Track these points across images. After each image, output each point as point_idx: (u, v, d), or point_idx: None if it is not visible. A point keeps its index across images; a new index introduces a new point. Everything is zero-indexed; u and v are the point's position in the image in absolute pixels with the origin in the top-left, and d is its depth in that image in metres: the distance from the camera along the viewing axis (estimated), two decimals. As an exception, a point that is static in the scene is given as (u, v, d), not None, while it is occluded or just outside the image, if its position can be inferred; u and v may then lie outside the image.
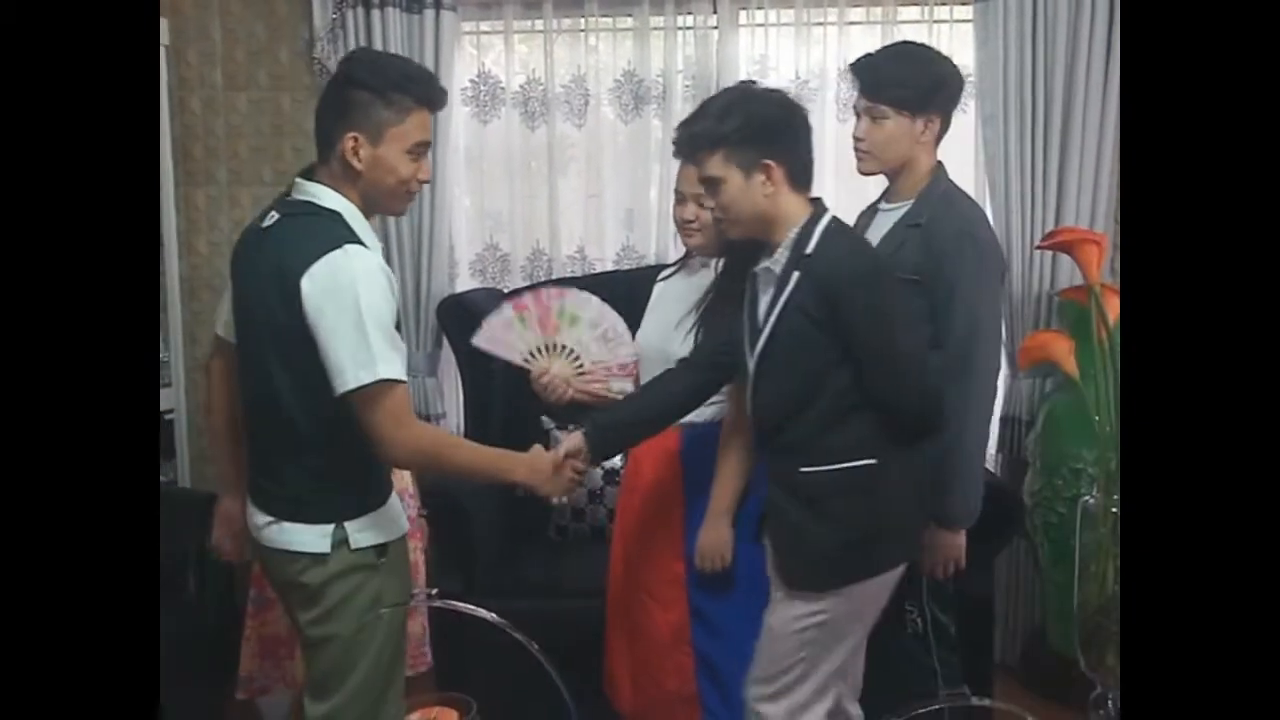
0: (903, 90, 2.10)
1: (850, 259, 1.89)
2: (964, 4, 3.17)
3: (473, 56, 3.37)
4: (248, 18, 3.37)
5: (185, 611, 2.67)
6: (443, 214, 3.27)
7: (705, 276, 2.29)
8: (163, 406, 3.24)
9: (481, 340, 2.29)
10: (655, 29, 3.27)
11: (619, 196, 3.39)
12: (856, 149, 2.19)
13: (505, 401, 3.09)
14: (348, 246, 1.69)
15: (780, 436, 1.96)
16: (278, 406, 1.76)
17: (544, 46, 3.30)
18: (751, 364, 1.94)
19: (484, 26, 3.37)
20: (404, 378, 1.73)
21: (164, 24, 3.20)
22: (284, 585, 1.87)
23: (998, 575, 3.05)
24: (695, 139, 1.91)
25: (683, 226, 2.28)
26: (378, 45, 3.18)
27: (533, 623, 2.07)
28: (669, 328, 2.28)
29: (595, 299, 2.34)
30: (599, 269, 3.40)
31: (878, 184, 3.13)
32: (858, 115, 2.18)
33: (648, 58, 3.28)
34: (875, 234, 2.19)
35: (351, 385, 1.68)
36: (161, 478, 3.32)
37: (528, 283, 3.37)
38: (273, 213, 1.79)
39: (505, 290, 3.34)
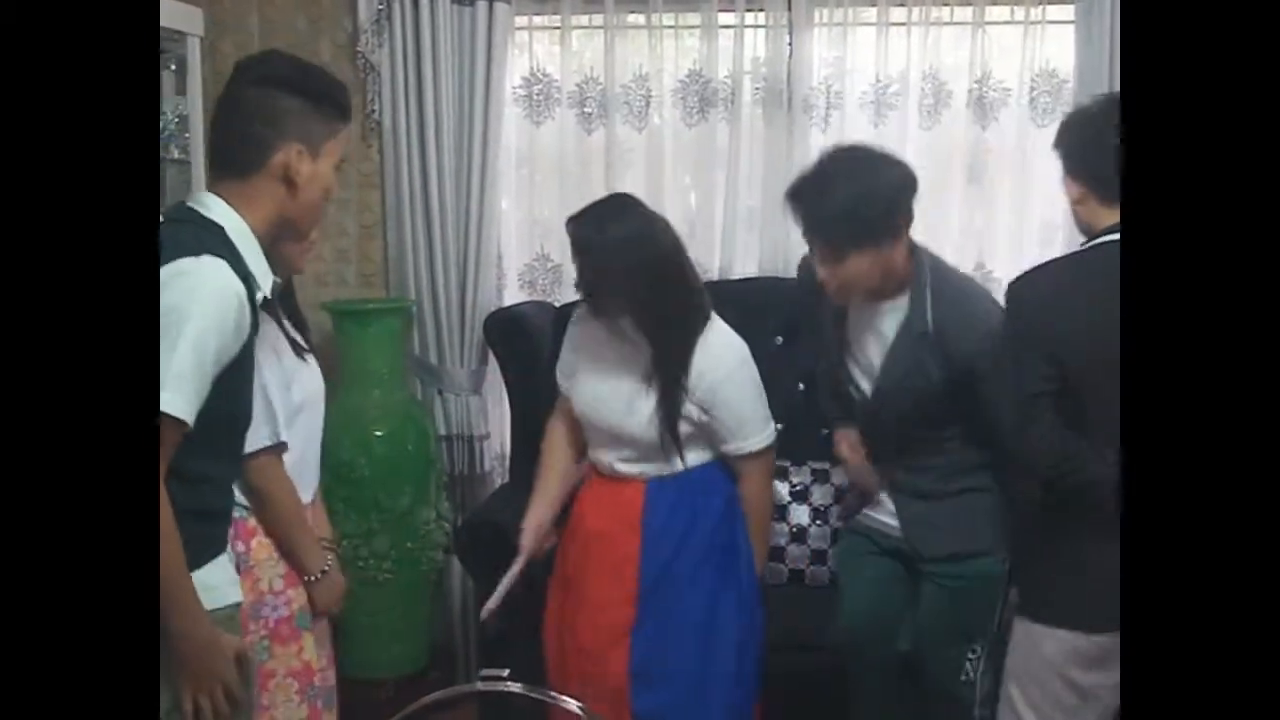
0: (856, 226, 1.88)
1: None
2: (1063, 3, 2.93)
3: (525, 53, 3.16)
4: (288, 9, 3.18)
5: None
6: (491, 221, 3.07)
7: None
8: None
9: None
10: (724, 26, 3.06)
11: (681, 205, 3.16)
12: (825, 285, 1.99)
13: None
14: (204, 256, 1.45)
15: None
16: None
17: (604, 43, 3.08)
18: None
19: (538, 21, 3.16)
20: (187, 418, 1.42)
21: (200, 15, 3.01)
22: None
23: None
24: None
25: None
26: (426, 39, 3.00)
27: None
28: None
29: None
30: (656, 283, 3.16)
31: (961, 189, 2.85)
32: (812, 252, 1.99)
33: (715, 57, 3.06)
34: (876, 329, 2.03)
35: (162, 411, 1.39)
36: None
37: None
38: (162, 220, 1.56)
39: (557, 304, 3.12)
